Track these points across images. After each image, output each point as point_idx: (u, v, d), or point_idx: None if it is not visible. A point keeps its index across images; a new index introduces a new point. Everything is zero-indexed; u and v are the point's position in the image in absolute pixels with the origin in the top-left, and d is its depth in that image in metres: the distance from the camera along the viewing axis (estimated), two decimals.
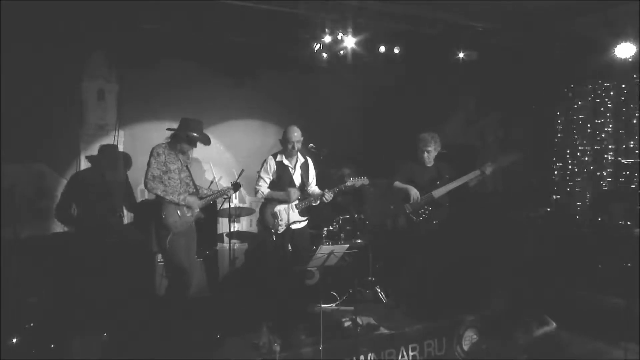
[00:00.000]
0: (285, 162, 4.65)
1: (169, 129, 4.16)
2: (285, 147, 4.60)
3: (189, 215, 4.10)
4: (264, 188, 4.60)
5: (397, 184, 4.91)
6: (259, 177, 4.64)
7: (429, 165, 4.96)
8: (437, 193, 4.83)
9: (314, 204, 4.69)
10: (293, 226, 4.57)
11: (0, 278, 4.25)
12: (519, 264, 5.52)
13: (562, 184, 6.26)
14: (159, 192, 3.96)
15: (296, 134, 4.55)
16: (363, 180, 4.63)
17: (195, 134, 4.11)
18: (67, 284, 4.54)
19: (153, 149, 4.05)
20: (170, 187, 4.01)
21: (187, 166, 4.23)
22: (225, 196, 4.47)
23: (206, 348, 3.96)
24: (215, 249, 5.66)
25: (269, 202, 4.63)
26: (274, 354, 3.85)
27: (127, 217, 5.66)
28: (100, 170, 5.50)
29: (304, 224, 4.72)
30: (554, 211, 6.13)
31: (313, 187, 4.82)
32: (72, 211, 5.36)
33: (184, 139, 4.09)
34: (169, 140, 4.14)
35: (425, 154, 4.89)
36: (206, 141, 4.28)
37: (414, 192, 4.78)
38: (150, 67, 5.58)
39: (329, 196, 4.55)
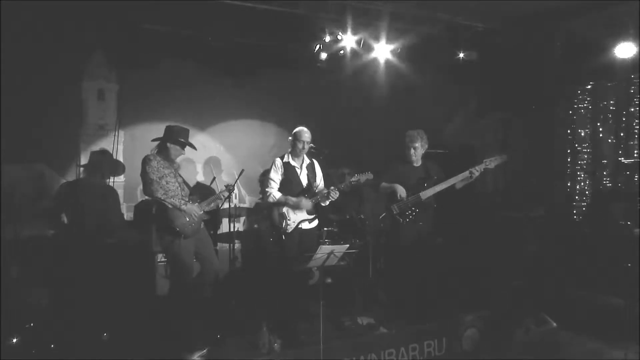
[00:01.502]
0: (293, 162, 4.65)
1: (154, 140, 4.16)
2: (295, 146, 4.60)
3: (195, 218, 4.09)
4: (275, 191, 4.59)
5: (384, 184, 4.82)
6: (270, 179, 4.62)
7: (416, 165, 4.88)
8: (425, 194, 4.73)
9: (322, 205, 4.68)
10: (302, 225, 4.55)
11: (0, 278, 4.25)
12: (519, 263, 5.52)
13: (562, 184, 6.26)
14: (159, 195, 3.95)
15: (307, 135, 4.57)
16: (368, 175, 4.60)
17: (183, 140, 4.11)
18: (67, 284, 4.53)
19: (144, 158, 4.01)
20: (170, 191, 3.99)
21: (179, 173, 4.23)
22: (220, 199, 4.47)
23: (206, 348, 3.96)
24: (215, 249, 5.65)
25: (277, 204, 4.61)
26: (274, 354, 3.86)
27: (126, 216, 5.65)
28: (91, 179, 5.38)
29: (314, 223, 4.71)
30: (554, 211, 6.13)
31: (320, 188, 4.81)
32: (63, 219, 5.27)
33: (172, 145, 4.09)
34: (157, 149, 4.13)
35: (412, 150, 4.79)
36: (193, 146, 4.30)
37: (401, 190, 4.69)
38: (150, 67, 5.56)
39: (334, 194, 4.53)
